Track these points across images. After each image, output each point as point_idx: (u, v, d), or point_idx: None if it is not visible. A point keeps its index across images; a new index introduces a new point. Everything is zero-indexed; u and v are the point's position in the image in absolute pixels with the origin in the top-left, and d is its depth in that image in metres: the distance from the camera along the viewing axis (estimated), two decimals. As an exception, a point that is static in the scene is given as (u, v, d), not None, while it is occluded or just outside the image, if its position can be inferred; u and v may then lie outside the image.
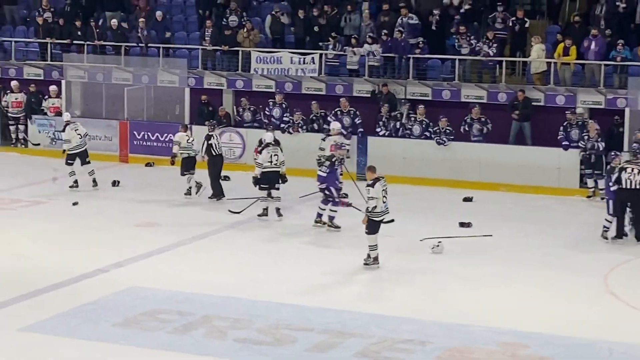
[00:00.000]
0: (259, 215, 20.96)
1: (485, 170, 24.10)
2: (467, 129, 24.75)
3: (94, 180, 23.75)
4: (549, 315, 14.94)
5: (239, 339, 13.64)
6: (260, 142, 21.88)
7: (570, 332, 14.08)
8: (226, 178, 23.18)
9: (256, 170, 20.99)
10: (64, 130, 24.46)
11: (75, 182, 23.73)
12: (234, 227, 20.41)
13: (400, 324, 14.30)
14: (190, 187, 22.90)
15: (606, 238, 19.58)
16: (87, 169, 23.91)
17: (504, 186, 23.73)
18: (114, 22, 28.89)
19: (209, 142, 22.58)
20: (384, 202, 17.27)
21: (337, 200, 19.67)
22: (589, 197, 22.73)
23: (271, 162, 20.86)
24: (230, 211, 21.59)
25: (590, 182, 22.35)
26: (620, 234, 19.42)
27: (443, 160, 24.49)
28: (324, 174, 19.57)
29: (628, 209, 19.57)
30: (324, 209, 20.10)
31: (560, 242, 19.52)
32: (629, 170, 19.21)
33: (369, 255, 17.45)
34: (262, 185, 20.83)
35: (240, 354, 13.13)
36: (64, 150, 24.33)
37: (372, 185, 17.25)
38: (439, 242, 18.53)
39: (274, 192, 21.21)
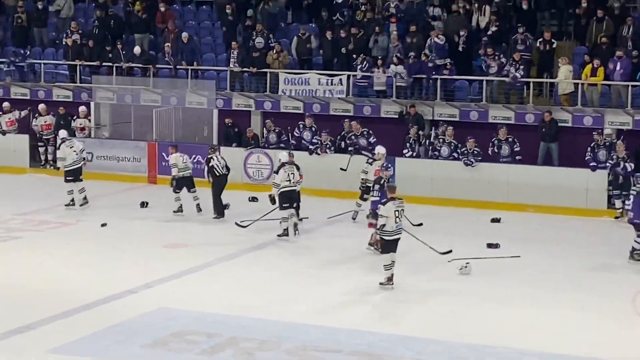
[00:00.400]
0: (278, 236, 20.93)
1: (513, 191, 24.04)
2: (495, 150, 24.66)
3: (85, 198, 23.85)
4: (577, 337, 14.88)
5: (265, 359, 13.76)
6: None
7: (599, 354, 14.00)
8: (254, 199, 23.23)
9: (273, 190, 20.99)
10: (58, 148, 24.66)
11: (85, 199, 23.93)
12: (260, 247, 20.37)
13: (427, 345, 14.28)
14: (181, 206, 23.27)
15: (638, 259, 19.42)
16: (77, 186, 23.96)
17: (531, 207, 23.68)
18: (136, 49, 29.03)
19: (209, 164, 22.72)
20: (396, 222, 17.15)
21: None
22: (617, 217, 22.59)
23: (289, 180, 20.84)
24: (236, 223, 21.79)
25: (618, 203, 22.26)
26: None
27: (471, 181, 24.41)
28: (377, 198, 19.21)
29: None
30: None
31: (588, 264, 19.33)
32: None
33: (386, 277, 17.47)
34: (284, 205, 20.79)
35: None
36: (58, 168, 24.74)
37: (384, 204, 17.26)
38: (467, 263, 18.45)
39: (288, 212, 21.10)
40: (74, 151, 24.02)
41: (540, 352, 14.10)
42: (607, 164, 23.41)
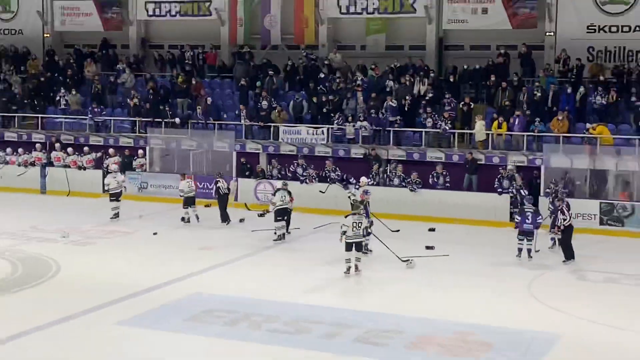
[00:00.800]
0: (274, 240, 21.13)
1: (444, 209, 23.82)
2: (435, 180, 24.83)
3: (116, 214, 24.13)
4: (490, 312, 14.99)
5: (270, 329, 13.79)
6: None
7: (505, 324, 14.17)
8: (262, 215, 23.32)
9: (270, 207, 21.44)
10: (105, 176, 25.81)
11: (117, 214, 24.13)
12: (266, 249, 20.24)
13: (384, 319, 14.40)
14: (188, 217, 23.58)
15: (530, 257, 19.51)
16: (116, 204, 24.30)
17: (457, 220, 23.54)
18: (177, 120, 29.07)
19: (217, 185, 23.73)
20: (352, 231, 17.48)
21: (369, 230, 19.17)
22: (516, 228, 22.56)
23: (282, 201, 21.19)
24: (252, 230, 21.87)
25: (516, 218, 22.34)
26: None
27: (414, 202, 24.34)
28: (363, 213, 18.88)
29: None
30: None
31: (497, 260, 19.30)
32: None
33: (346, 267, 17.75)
34: (277, 218, 21.16)
35: (271, 340, 13.23)
36: (105, 191, 25.46)
37: (346, 217, 17.88)
38: (412, 259, 18.61)
39: (280, 223, 21.43)
40: (116, 181, 24.42)
41: (465, 322, 14.26)
42: (509, 190, 23.69)
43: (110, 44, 34.27)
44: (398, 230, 21.13)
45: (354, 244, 17.66)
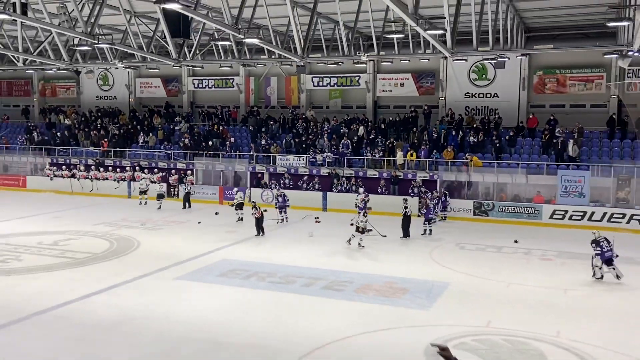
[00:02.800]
0: (277, 222, 21.26)
1: (381, 206, 22.55)
2: (381, 189, 24.57)
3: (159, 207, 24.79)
4: (406, 269, 15.15)
5: (271, 281, 13.97)
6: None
7: (416, 276, 14.39)
8: (265, 210, 23.14)
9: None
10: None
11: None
12: (268, 233, 19.64)
13: (341, 274, 14.56)
14: (240, 217, 22.05)
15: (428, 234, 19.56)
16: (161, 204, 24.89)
17: (388, 214, 22.47)
18: (218, 142, 28.98)
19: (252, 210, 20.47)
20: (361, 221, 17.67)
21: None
22: (418, 216, 22.09)
23: (240, 198, 21.71)
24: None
25: (422, 210, 22.12)
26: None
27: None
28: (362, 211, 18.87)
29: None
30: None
31: (412, 240, 19.19)
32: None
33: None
34: (237, 209, 21.88)
35: (271, 288, 13.40)
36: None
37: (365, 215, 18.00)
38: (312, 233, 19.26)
39: (240, 211, 21.74)
40: (147, 184, 26.37)
41: (391, 275, 14.44)
42: (418, 194, 23.76)
43: (171, 105, 34.11)
44: (385, 236, 19.41)
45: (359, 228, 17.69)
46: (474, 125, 26.47)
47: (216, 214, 23.90)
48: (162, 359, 9.42)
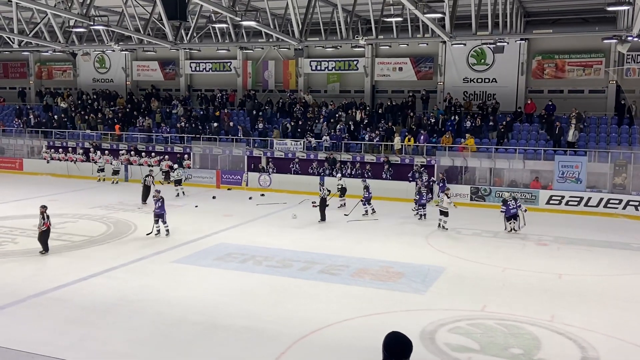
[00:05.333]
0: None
1: (377, 191, 22.98)
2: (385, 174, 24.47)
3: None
4: (403, 253, 15.21)
5: (268, 265, 13.98)
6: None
7: (412, 261, 14.41)
8: (262, 195, 23.11)
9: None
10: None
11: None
12: (265, 216, 20.04)
13: (337, 258, 14.59)
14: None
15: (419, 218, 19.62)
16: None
17: (385, 199, 22.85)
18: (215, 126, 28.88)
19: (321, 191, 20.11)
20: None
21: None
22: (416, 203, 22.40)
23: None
24: (256, 204, 21.37)
25: (416, 196, 22.06)
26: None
27: (359, 187, 24.10)
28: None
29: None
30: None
31: (406, 222, 19.46)
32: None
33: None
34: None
35: (267, 272, 13.42)
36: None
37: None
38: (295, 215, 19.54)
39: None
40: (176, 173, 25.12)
41: (387, 260, 14.46)
42: (417, 180, 23.69)
43: (167, 89, 33.98)
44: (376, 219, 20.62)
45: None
46: (472, 110, 26.42)
47: (213, 197, 23.90)
48: (159, 340, 9.46)
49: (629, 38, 19.92)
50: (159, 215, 16.85)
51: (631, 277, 13.52)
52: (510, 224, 17.69)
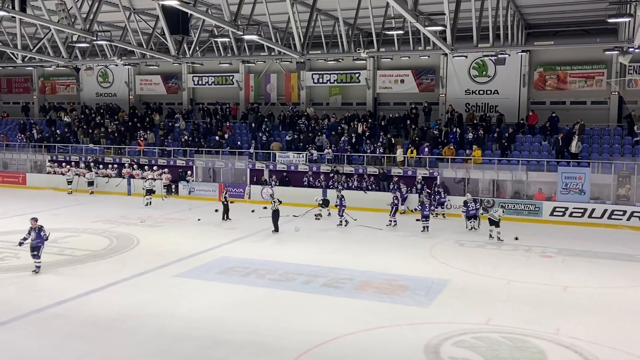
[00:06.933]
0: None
1: (377, 202, 23.44)
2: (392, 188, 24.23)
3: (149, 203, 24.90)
4: (406, 266, 15.12)
5: (271, 278, 13.89)
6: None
7: (415, 274, 14.34)
8: (265, 208, 23.01)
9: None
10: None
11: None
12: (267, 230, 19.78)
13: (341, 271, 14.51)
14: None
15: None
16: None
17: (376, 210, 22.85)
18: (216, 137, 28.90)
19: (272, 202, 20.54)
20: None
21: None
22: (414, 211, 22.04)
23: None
24: (259, 217, 21.52)
25: (417, 207, 21.37)
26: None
27: (360, 198, 24.16)
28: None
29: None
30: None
31: (410, 234, 19.31)
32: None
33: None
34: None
35: (270, 284, 13.33)
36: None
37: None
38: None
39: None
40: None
41: (390, 272, 14.40)
42: (420, 192, 23.67)
43: (170, 102, 34.11)
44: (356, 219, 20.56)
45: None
46: (474, 122, 26.43)
47: (216, 211, 23.87)
48: (161, 356, 9.39)
49: (630, 49, 19.97)
50: (36, 248, 13.83)
51: (637, 289, 13.40)
52: (470, 222, 19.63)
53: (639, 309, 11.95)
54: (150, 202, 25.46)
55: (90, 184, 28.50)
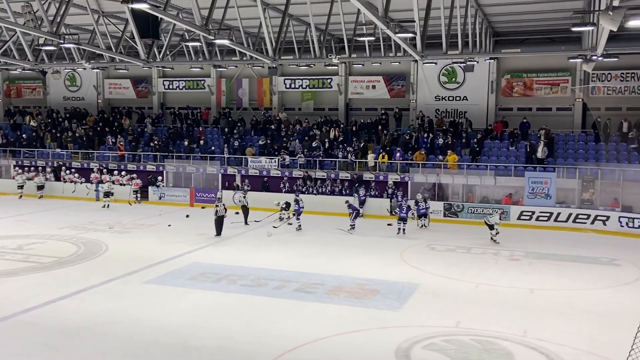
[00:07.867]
0: (232, 222, 20.99)
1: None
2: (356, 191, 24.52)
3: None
4: (377, 271, 15.19)
5: (242, 284, 13.84)
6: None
7: (386, 278, 14.42)
8: (237, 213, 22.95)
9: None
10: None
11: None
12: (238, 235, 19.92)
13: (312, 276, 14.54)
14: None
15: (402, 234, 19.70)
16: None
17: (364, 215, 23.01)
18: (185, 142, 28.70)
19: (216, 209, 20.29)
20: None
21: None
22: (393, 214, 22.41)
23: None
24: (231, 222, 21.14)
25: (395, 210, 22.09)
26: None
27: (331, 203, 24.21)
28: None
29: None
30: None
31: (382, 237, 19.51)
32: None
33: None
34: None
35: (241, 290, 13.29)
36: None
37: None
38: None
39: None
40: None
41: (362, 277, 14.47)
42: (392, 197, 23.90)
43: (140, 107, 33.73)
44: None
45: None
46: (444, 128, 26.81)
47: (187, 216, 23.67)
48: (130, 364, 9.27)
49: (594, 57, 20.54)
50: None
51: (601, 291, 13.77)
52: (420, 220, 21.21)
53: (603, 310, 12.27)
54: (108, 205, 25.11)
55: (40, 187, 27.83)
